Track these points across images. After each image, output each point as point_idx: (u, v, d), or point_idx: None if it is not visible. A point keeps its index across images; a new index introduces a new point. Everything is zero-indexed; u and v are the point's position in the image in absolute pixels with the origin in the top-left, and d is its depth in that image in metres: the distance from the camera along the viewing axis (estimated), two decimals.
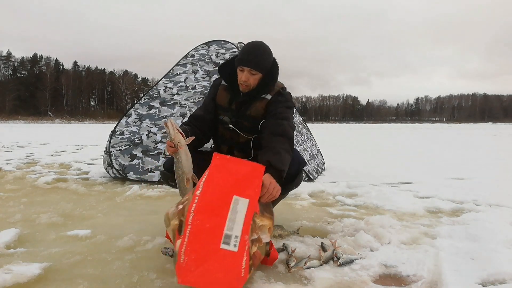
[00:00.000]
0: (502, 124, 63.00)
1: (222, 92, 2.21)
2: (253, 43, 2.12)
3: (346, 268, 1.72)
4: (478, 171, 5.31)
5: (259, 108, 2.12)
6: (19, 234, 2.19)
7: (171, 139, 1.85)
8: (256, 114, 2.13)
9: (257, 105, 2.12)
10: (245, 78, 2.06)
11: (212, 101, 2.24)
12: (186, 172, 1.89)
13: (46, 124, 47.78)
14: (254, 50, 2.08)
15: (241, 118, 2.15)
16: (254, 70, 2.05)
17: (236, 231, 1.49)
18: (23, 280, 1.57)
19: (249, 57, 2.05)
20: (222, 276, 1.41)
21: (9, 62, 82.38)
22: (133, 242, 2.07)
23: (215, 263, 1.43)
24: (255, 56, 2.06)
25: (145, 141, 4.26)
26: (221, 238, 1.47)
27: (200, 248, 1.45)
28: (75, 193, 3.56)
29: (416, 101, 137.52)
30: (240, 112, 2.15)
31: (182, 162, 1.87)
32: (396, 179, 4.52)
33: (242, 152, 2.21)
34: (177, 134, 1.85)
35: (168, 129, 1.85)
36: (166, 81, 4.90)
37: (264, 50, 2.10)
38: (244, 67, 2.05)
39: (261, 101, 2.12)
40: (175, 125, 1.86)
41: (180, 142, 1.86)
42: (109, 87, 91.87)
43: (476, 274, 1.64)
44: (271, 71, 2.13)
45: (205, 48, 5.19)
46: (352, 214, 2.79)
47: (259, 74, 2.08)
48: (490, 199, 3.30)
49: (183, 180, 1.90)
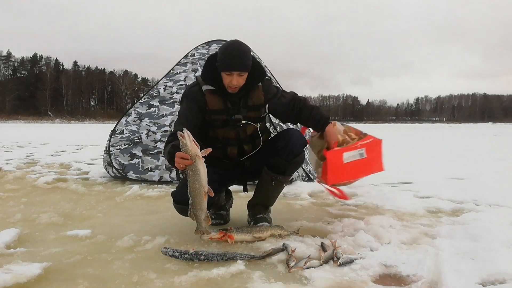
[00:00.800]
0: (502, 124, 62.95)
1: (211, 98, 2.19)
2: (232, 45, 2.12)
3: (346, 268, 1.71)
4: (478, 171, 5.31)
5: (259, 94, 2.26)
6: (19, 234, 2.20)
7: (187, 151, 1.78)
8: (259, 101, 2.26)
9: (256, 93, 2.25)
10: (236, 82, 2.11)
11: (199, 112, 2.20)
12: (203, 185, 1.82)
13: (46, 124, 47.78)
14: (237, 53, 2.08)
15: (244, 112, 2.22)
16: (242, 72, 2.10)
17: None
18: (23, 280, 1.57)
19: (234, 61, 2.07)
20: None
21: (9, 62, 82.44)
22: (133, 242, 2.07)
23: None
24: (240, 58, 2.08)
25: (144, 140, 4.26)
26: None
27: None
28: (75, 193, 3.57)
29: (416, 101, 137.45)
30: (240, 107, 2.21)
31: (201, 174, 1.81)
32: (396, 179, 4.52)
33: (250, 143, 2.30)
34: (194, 146, 1.79)
35: (184, 140, 1.78)
36: (166, 80, 4.90)
37: (244, 49, 2.12)
38: (233, 72, 2.07)
39: (257, 88, 2.26)
40: (191, 137, 1.80)
41: (198, 154, 1.80)
42: (109, 87, 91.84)
43: (476, 274, 1.64)
44: (253, 64, 2.19)
45: (205, 47, 5.19)
46: (352, 214, 2.79)
47: (246, 73, 2.14)
48: (490, 199, 3.29)
49: (199, 194, 1.82)
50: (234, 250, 1.93)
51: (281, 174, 2.31)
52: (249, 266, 1.74)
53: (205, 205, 1.86)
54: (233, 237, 2.05)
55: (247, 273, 1.66)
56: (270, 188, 2.37)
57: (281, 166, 2.28)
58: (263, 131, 2.36)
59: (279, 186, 2.40)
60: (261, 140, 2.32)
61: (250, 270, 1.69)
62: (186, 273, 1.64)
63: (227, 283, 1.58)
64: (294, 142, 2.25)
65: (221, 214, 2.54)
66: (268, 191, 2.39)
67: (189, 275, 1.62)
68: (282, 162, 2.27)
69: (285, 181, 2.37)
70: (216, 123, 2.23)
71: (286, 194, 3.50)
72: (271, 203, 2.48)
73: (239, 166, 2.36)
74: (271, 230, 2.14)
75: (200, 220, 1.88)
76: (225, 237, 2.05)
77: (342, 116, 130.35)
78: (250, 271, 1.68)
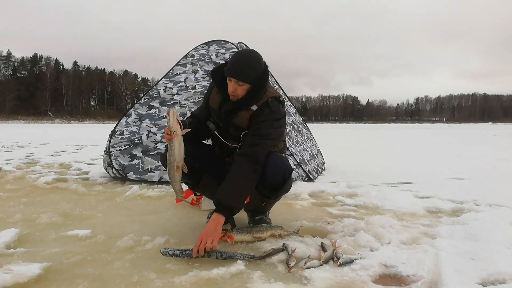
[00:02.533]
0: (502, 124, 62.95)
1: (214, 96, 2.24)
2: (242, 53, 2.10)
3: (346, 268, 1.72)
4: (478, 171, 5.31)
5: (243, 118, 2.10)
6: (19, 234, 2.19)
7: (169, 127, 1.96)
8: (240, 124, 2.12)
9: (242, 114, 2.10)
10: (232, 89, 2.05)
11: (207, 104, 2.30)
12: (177, 161, 1.99)
13: (46, 124, 47.78)
14: (242, 61, 2.03)
15: (228, 125, 2.17)
16: (240, 81, 2.02)
17: None
18: (23, 280, 1.57)
19: (235, 68, 2.01)
20: None
21: (9, 62, 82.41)
22: (133, 242, 2.07)
23: None
24: (243, 67, 2.01)
25: (145, 141, 4.26)
26: None
27: None
28: (75, 193, 3.56)
29: (416, 101, 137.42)
30: (227, 119, 2.17)
31: (175, 150, 1.98)
32: (396, 179, 4.52)
33: (231, 157, 2.23)
34: (175, 124, 1.96)
35: (169, 117, 1.95)
36: (166, 81, 4.90)
37: (252, 61, 2.04)
38: (232, 78, 2.03)
39: (247, 111, 2.09)
40: (176, 115, 1.96)
41: (176, 132, 1.96)
42: (109, 87, 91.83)
43: (476, 274, 1.64)
44: (260, 81, 2.07)
45: (205, 48, 5.19)
46: (352, 214, 2.79)
47: (247, 85, 2.04)
48: (490, 199, 3.30)
49: (173, 168, 2.00)
50: (234, 250, 1.93)
51: (267, 198, 2.27)
52: (249, 266, 1.74)
53: (178, 178, 2.05)
54: (233, 237, 2.05)
55: (247, 273, 1.66)
56: (261, 205, 2.35)
57: (264, 195, 2.22)
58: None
59: (271, 203, 2.37)
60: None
61: (250, 270, 1.69)
62: (186, 273, 1.64)
63: (227, 283, 1.58)
64: (271, 173, 2.07)
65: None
66: (260, 206, 2.37)
67: (189, 275, 1.62)
68: (264, 191, 2.19)
69: (275, 201, 2.34)
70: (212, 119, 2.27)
71: (286, 194, 3.49)
72: (267, 210, 2.46)
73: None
74: (271, 230, 2.14)
75: (176, 190, 2.10)
76: (225, 237, 2.05)
77: (342, 116, 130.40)
78: (250, 271, 1.68)
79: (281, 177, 2.11)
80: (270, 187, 2.13)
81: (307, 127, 5.75)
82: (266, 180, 2.08)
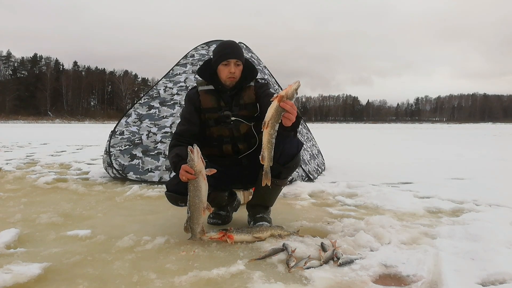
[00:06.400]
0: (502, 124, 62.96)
1: (205, 97, 2.32)
2: (227, 41, 2.37)
3: (346, 268, 1.72)
4: (478, 171, 5.31)
5: (250, 94, 2.33)
6: (19, 234, 2.19)
7: (193, 166, 1.87)
8: (250, 100, 2.32)
9: (247, 92, 2.33)
10: (233, 70, 2.24)
11: (196, 112, 2.32)
12: (203, 201, 1.92)
13: (46, 124, 47.79)
14: (232, 45, 2.31)
15: (236, 109, 2.29)
16: (239, 60, 2.26)
17: None
18: (23, 280, 1.57)
19: (232, 50, 2.27)
20: None
21: (9, 62, 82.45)
22: (133, 242, 2.07)
23: None
24: (236, 48, 2.29)
25: (145, 141, 4.26)
26: None
27: None
28: (75, 193, 3.57)
29: (416, 101, 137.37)
30: (233, 104, 2.29)
31: (202, 191, 1.89)
32: (396, 179, 4.52)
33: (246, 143, 2.33)
34: (200, 163, 1.88)
35: (193, 155, 1.87)
36: (166, 81, 4.89)
37: (238, 45, 2.33)
38: (230, 60, 2.24)
39: (249, 88, 2.34)
40: (199, 153, 1.89)
41: (202, 172, 1.88)
42: (109, 87, 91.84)
43: (476, 274, 1.64)
44: (247, 62, 2.36)
45: (205, 48, 5.18)
46: (352, 214, 2.79)
47: (241, 65, 2.29)
48: (490, 199, 3.30)
49: (198, 209, 1.92)
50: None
51: (276, 178, 2.28)
52: (249, 266, 1.74)
53: (202, 220, 1.97)
54: (233, 237, 2.05)
55: (247, 273, 1.66)
56: (267, 190, 2.36)
57: (275, 169, 2.22)
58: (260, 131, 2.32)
59: (277, 188, 2.38)
60: (257, 139, 2.33)
61: (250, 270, 1.69)
62: (186, 273, 1.64)
63: (227, 283, 1.58)
64: (287, 145, 2.21)
65: (220, 214, 2.53)
66: (266, 193, 2.38)
67: (189, 275, 1.62)
68: (275, 165, 2.20)
69: (282, 184, 2.35)
70: (209, 122, 2.31)
71: (286, 194, 3.50)
72: (270, 203, 2.48)
73: (237, 165, 2.36)
74: (271, 230, 2.14)
75: (195, 232, 2.00)
76: (225, 237, 2.05)
77: (342, 116, 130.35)
78: (250, 271, 1.68)
79: (295, 148, 2.26)
80: (285, 156, 2.20)
81: (307, 127, 5.74)
82: (280, 150, 2.15)
